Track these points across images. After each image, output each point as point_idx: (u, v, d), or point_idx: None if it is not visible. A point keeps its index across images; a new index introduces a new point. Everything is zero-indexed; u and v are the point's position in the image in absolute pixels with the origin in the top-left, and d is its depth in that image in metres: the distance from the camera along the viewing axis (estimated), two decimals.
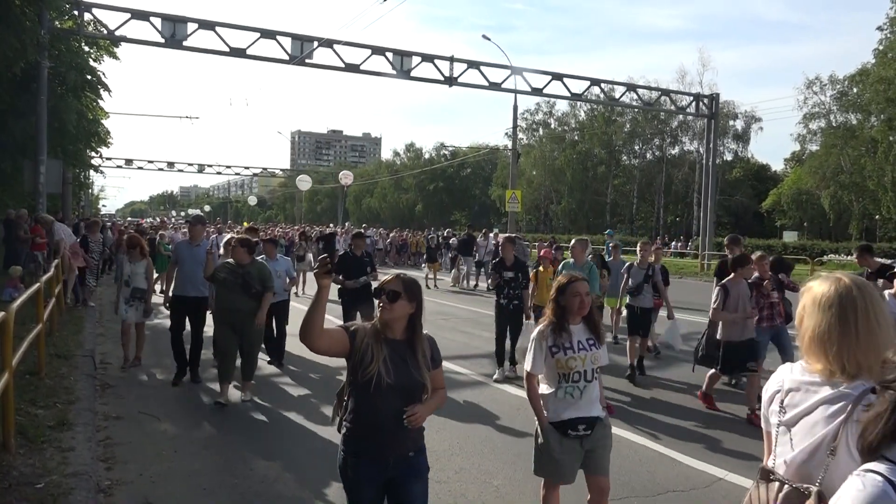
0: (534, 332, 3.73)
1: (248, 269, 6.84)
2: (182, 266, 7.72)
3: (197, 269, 7.50)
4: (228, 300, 6.76)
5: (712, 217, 30.13)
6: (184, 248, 7.96)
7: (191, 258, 7.65)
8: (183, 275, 7.70)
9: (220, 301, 6.86)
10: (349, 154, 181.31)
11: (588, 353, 3.63)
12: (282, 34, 21.18)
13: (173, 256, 8.02)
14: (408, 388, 2.80)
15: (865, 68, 40.51)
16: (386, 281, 2.89)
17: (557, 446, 3.62)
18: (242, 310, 6.79)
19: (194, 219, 8.54)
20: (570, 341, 3.62)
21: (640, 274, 8.79)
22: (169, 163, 62.49)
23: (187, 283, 7.66)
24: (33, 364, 6.98)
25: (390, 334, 2.86)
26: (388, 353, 2.80)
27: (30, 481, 4.34)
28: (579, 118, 60.94)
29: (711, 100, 30.05)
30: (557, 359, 3.60)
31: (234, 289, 6.74)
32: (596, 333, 3.73)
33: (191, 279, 7.61)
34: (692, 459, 5.52)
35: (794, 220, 49.61)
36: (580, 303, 3.65)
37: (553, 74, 25.57)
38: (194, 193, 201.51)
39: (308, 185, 36.26)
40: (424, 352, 2.90)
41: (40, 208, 16.95)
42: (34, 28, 14.60)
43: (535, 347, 3.66)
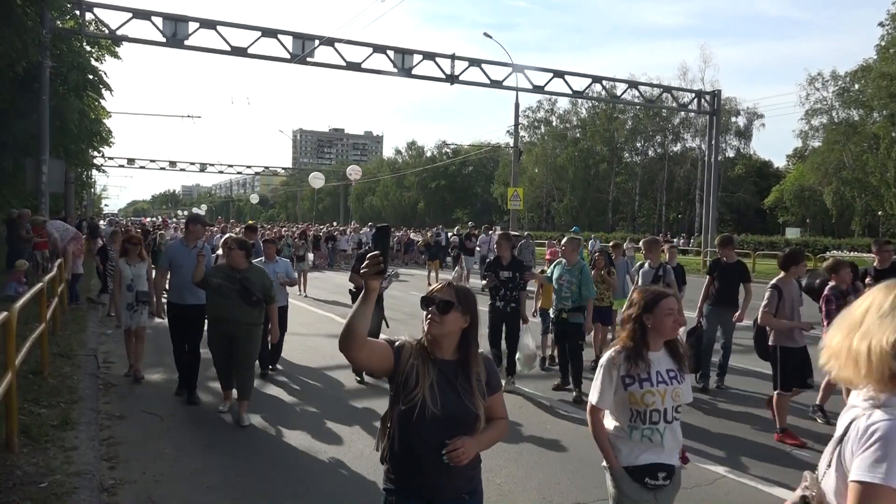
0: (603, 358, 3.06)
1: (247, 275, 6.13)
2: (178, 271, 6.81)
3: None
4: (224, 308, 6.10)
5: (714, 214, 30.08)
6: (179, 250, 7.00)
7: (188, 262, 6.67)
8: (180, 281, 6.79)
9: (214, 309, 6.21)
10: (351, 152, 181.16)
11: (669, 387, 2.95)
12: (283, 33, 21.18)
13: (164, 260, 7.05)
14: (457, 419, 2.39)
15: (867, 64, 40.43)
16: (436, 289, 2.47)
17: (635, 495, 2.95)
18: (239, 320, 6.11)
19: (192, 218, 7.57)
20: (649, 372, 2.94)
21: (649, 275, 8.05)
22: (171, 162, 62.42)
23: (185, 291, 6.76)
24: (36, 363, 7.00)
25: (439, 353, 2.44)
26: (435, 375, 2.39)
27: (33, 480, 4.35)
28: (581, 115, 60.94)
29: (713, 96, 29.99)
30: (631, 392, 2.93)
31: (230, 296, 6.06)
32: (679, 363, 3.05)
33: (189, 286, 6.69)
34: (693, 456, 5.52)
35: (796, 216, 49.56)
36: (673, 324, 2.97)
37: (554, 72, 25.54)
38: (196, 193, 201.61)
39: (321, 182, 35.62)
40: (479, 375, 2.46)
41: (43, 208, 17.00)
42: (36, 28, 14.62)
43: (604, 376, 3.00)
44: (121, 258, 7.91)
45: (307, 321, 12.15)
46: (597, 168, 58.93)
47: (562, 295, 7.45)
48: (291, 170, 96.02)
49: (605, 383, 2.99)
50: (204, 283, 6.21)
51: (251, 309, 6.16)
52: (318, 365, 8.73)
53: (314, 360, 8.90)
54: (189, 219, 7.53)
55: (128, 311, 7.67)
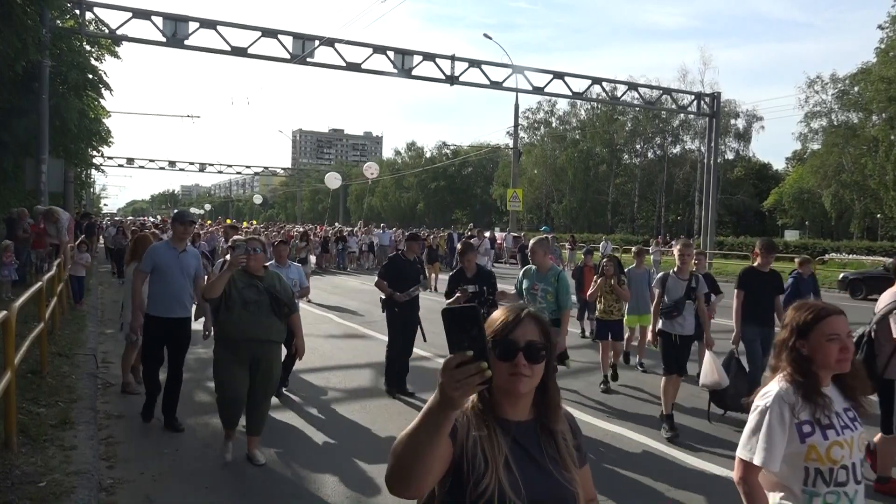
0: (768, 398, 2.26)
1: (272, 283, 5.11)
2: (163, 278, 5.84)
3: (185, 281, 5.95)
4: (252, 327, 4.93)
5: (714, 216, 30.10)
6: (165, 253, 5.94)
7: (176, 268, 5.87)
8: (165, 289, 5.83)
9: (238, 329, 4.91)
10: (350, 153, 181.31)
11: (854, 432, 2.22)
12: (283, 33, 21.18)
13: (147, 262, 5.91)
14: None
15: (867, 67, 40.47)
16: (511, 321, 1.62)
17: None
18: (270, 338, 5.08)
19: (176, 216, 6.26)
20: (830, 415, 2.20)
21: (679, 287, 6.47)
22: (170, 162, 62.43)
23: (171, 301, 5.83)
24: (35, 363, 7.00)
25: (511, 414, 1.65)
26: (508, 450, 1.60)
27: (32, 480, 4.35)
28: (580, 117, 60.96)
29: (713, 98, 30.01)
30: (812, 445, 2.17)
31: (260, 310, 4.97)
32: (854, 398, 2.32)
33: (176, 295, 5.84)
34: (692, 458, 5.53)
35: (795, 219, 49.59)
36: (840, 353, 2.21)
37: (554, 73, 25.56)
38: (195, 192, 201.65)
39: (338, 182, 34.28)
40: (566, 435, 1.72)
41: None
42: (36, 27, 14.60)
43: (773, 422, 2.20)
44: (132, 262, 7.01)
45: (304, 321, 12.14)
46: (596, 169, 58.97)
47: (536, 306, 6.19)
48: (291, 170, 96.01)
49: (776, 433, 2.18)
50: (223, 300, 4.95)
51: (280, 323, 5.13)
52: (316, 366, 8.73)
53: (312, 360, 8.90)
54: (173, 217, 6.29)
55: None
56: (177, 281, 5.87)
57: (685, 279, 6.53)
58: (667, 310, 6.40)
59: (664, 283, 6.53)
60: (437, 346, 10.17)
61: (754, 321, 6.48)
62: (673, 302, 6.39)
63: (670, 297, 6.44)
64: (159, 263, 5.90)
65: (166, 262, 5.90)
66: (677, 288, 6.47)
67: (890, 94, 37.51)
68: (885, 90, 37.76)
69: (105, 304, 13.43)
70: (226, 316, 4.94)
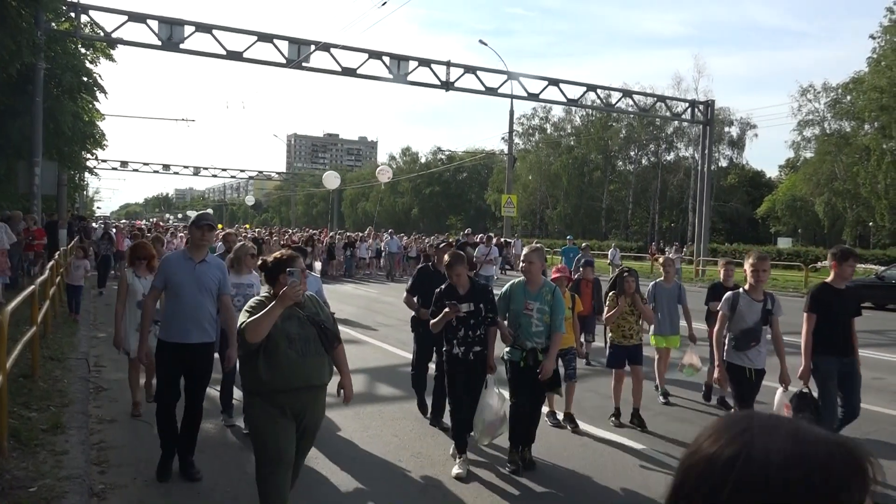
0: None
1: (314, 309, 3.91)
2: (179, 295, 4.86)
3: (204, 299, 4.91)
4: (306, 371, 3.68)
5: (707, 223, 30.22)
6: (180, 265, 4.95)
7: (192, 282, 4.88)
8: (180, 309, 4.84)
9: (286, 377, 3.63)
10: (345, 158, 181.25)
11: None
12: (279, 38, 21.21)
13: (157, 279, 5.03)
14: None
15: (859, 76, 40.80)
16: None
17: None
18: (322, 382, 3.85)
19: (200, 218, 5.13)
20: None
21: (753, 310, 5.27)
22: (164, 165, 62.43)
23: (187, 323, 4.82)
24: (27, 367, 6.96)
25: None
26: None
27: (23, 485, 4.32)
28: (575, 123, 61.17)
29: (707, 106, 30.19)
30: None
31: (310, 349, 3.72)
32: None
33: (193, 316, 4.83)
34: None
35: (788, 226, 49.87)
36: None
37: (549, 80, 25.67)
38: (189, 196, 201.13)
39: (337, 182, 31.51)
40: None
41: (35, 210, 16.92)
42: (30, 29, 14.58)
43: None
44: (128, 268, 6.54)
45: None
46: (590, 176, 59.16)
47: (531, 329, 5.32)
48: (285, 174, 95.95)
49: None
50: (263, 341, 3.62)
51: (330, 361, 3.90)
52: None
53: None
54: (196, 221, 5.09)
55: (137, 334, 5.97)
56: (194, 298, 4.86)
57: (760, 300, 5.29)
58: (740, 338, 5.23)
59: (734, 304, 5.32)
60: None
61: (830, 351, 5.26)
62: (746, 328, 5.23)
63: (742, 322, 5.24)
64: (173, 278, 4.90)
65: (181, 275, 4.89)
66: (751, 311, 5.24)
67: (882, 103, 37.83)
68: (876, 99, 38.09)
69: (98, 307, 13.35)
70: (267, 360, 3.61)
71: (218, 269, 5.09)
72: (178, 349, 4.83)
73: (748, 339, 5.21)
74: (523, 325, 5.36)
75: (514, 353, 5.40)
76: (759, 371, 5.33)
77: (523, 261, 5.51)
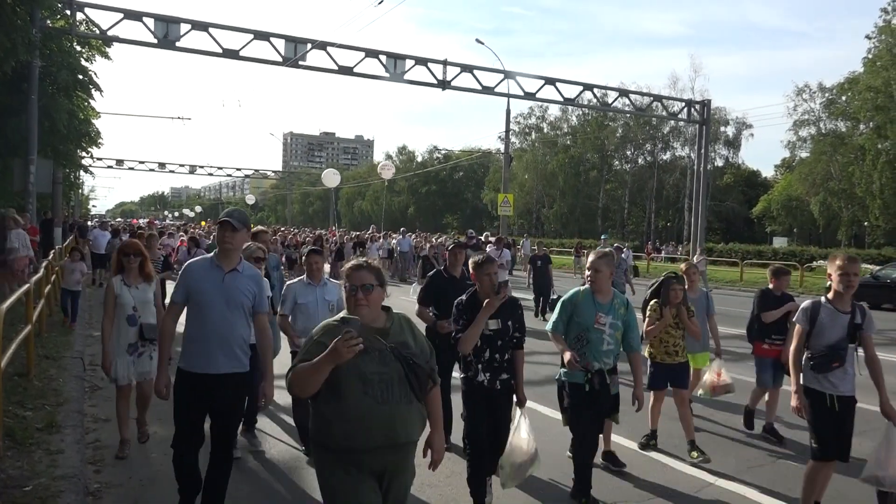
0: None
1: (402, 337, 2.91)
2: (204, 313, 3.91)
3: (235, 317, 3.96)
4: (389, 423, 2.77)
5: (703, 223, 30.25)
6: (204, 274, 3.99)
7: (222, 297, 3.92)
8: (206, 330, 3.91)
9: (360, 431, 2.73)
10: (341, 156, 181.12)
11: None
12: (275, 36, 21.15)
13: (178, 293, 4.00)
14: None
15: (854, 76, 40.94)
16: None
17: None
18: (411, 440, 2.88)
19: (232, 216, 4.05)
20: None
21: (838, 323, 4.32)
22: (160, 163, 62.09)
23: (214, 347, 3.90)
24: (22, 365, 6.94)
25: None
26: None
27: (18, 484, 4.31)
28: (572, 123, 61.29)
29: (703, 106, 30.22)
30: None
31: (394, 392, 2.79)
32: None
33: (221, 339, 3.91)
34: (681, 464, 5.55)
35: (783, 226, 50.04)
36: None
37: (546, 79, 25.66)
38: (185, 194, 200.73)
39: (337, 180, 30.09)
40: None
41: (30, 208, 16.86)
42: (25, 27, 14.50)
43: None
44: (115, 275, 5.37)
45: None
46: (587, 175, 59.26)
47: (601, 347, 4.60)
48: (281, 173, 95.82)
49: None
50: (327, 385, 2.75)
51: (422, 408, 2.91)
52: None
53: None
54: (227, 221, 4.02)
55: (129, 357, 5.23)
56: (222, 317, 3.90)
57: (846, 311, 4.32)
58: (820, 358, 4.27)
59: (813, 316, 4.34)
60: None
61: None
62: (828, 346, 4.26)
63: (824, 338, 4.28)
64: (197, 291, 3.94)
65: (206, 288, 3.92)
66: (834, 325, 4.29)
67: (877, 103, 37.98)
68: (871, 99, 38.24)
69: (93, 306, 13.31)
70: (335, 407, 2.74)
71: (252, 281, 4.05)
72: (201, 381, 3.88)
73: (830, 359, 4.24)
74: (592, 343, 4.60)
75: (575, 374, 4.62)
76: (847, 399, 4.26)
77: (590, 268, 4.74)
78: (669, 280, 6.05)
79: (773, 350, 6.33)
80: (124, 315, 5.20)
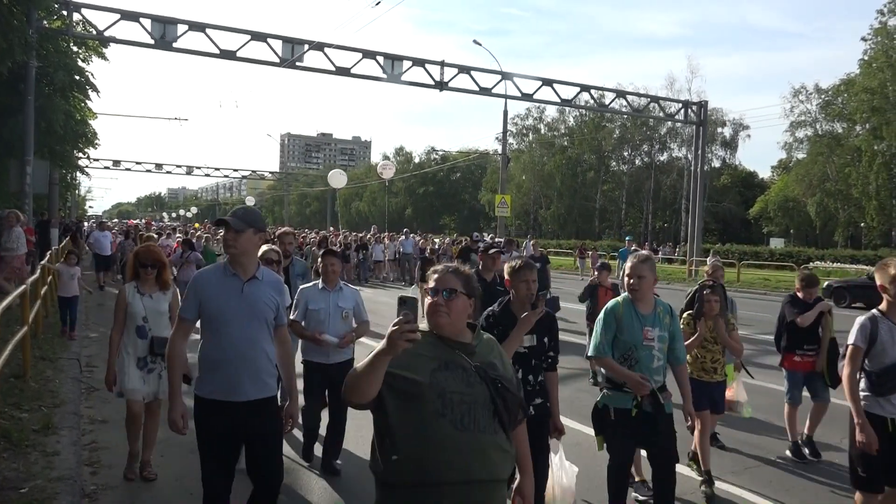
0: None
1: (488, 356, 2.41)
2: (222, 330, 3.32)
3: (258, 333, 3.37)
4: (464, 456, 2.21)
5: (700, 224, 30.34)
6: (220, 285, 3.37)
7: (242, 310, 3.33)
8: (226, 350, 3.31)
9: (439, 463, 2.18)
10: (339, 157, 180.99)
11: None
12: (273, 37, 21.15)
13: (187, 307, 3.37)
14: None
15: (851, 78, 41.08)
16: None
17: None
18: (495, 477, 2.31)
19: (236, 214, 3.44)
20: None
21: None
22: (157, 164, 62.06)
23: (237, 371, 3.29)
24: (18, 367, 6.92)
25: None
26: None
27: (14, 485, 4.30)
28: (569, 124, 61.37)
29: (700, 107, 30.30)
30: None
31: (478, 420, 2.26)
32: None
33: (244, 360, 3.30)
34: (678, 465, 5.54)
35: (780, 227, 50.14)
36: None
37: (543, 80, 25.70)
38: (182, 195, 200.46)
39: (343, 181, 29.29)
40: None
41: (27, 209, 16.82)
42: (22, 27, 14.49)
43: None
44: (129, 282, 4.84)
45: None
46: (584, 176, 59.35)
47: (652, 365, 3.94)
48: (279, 174, 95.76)
49: None
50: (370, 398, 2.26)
51: (507, 442, 2.37)
52: None
53: None
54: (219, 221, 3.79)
55: (138, 372, 4.68)
56: (244, 334, 3.31)
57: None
58: (880, 379, 3.80)
59: (873, 334, 3.82)
60: None
61: None
62: (887, 366, 3.79)
63: (884, 356, 3.80)
64: (211, 305, 3.32)
65: (223, 300, 3.32)
66: (895, 341, 3.79)
67: (873, 104, 38.12)
68: (868, 101, 38.38)
69: (89, 307, 13.28)
70: (401, 429, 2.22)
71: (275, 290, 3.47)
72: (225, 410, 3.27)
73: (890, 380, 3.77)
74: (642, 361, 3.92)
75: (620, 398, 3.94)
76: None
77: (631, 275, 4.02)
78: (704, 290, 5.34)
79: (806, 362, 5.76)
80: (133, 326, 4.68)
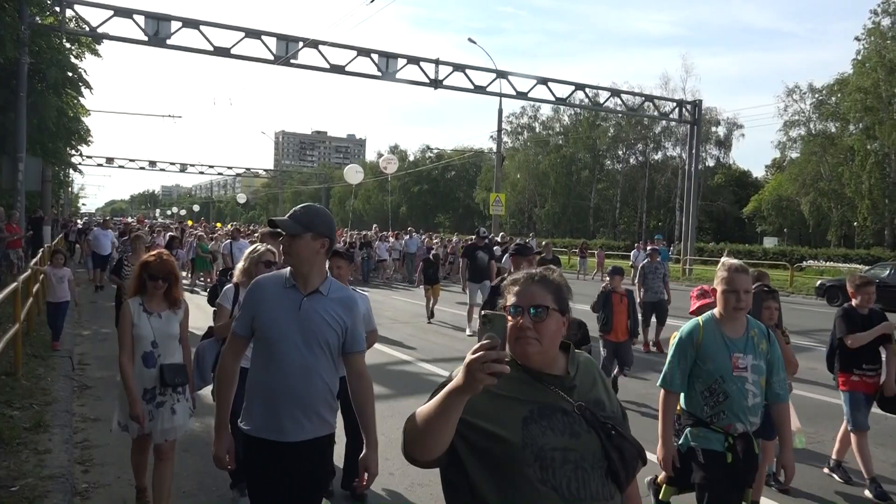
0: None
1: (592, 392, 1.84)
2: (273, 353, 2.70)
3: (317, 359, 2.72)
4: None
5: (694, 222, 30.41)
6: (277, 296, 2.74)
7: (297, 331, 2.70)
8: (275, 377, 2.70)
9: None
10: (333, 155, 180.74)
11: None
12: (267, 34, 21.08)
13: (241, 323, 2.79)
14: None
15: (844, 77, 41.23)
16: None
17: None
18: None
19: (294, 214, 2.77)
20: None
21: None
22: (151, 162, 61.76)
23: (286, 405, 2.69)
24: (9, 364, 6.88)
25: None
26: None
27: (4, 484, 4.27)
28: (563, 122, 61.45)
29: (694, 106, 30.36)
30: None
31: (588, 482, 1.66)
32: None
33: (294, 395, 2.69)
34: None
35: (774, 226, 50.28)
36: None
37: (538, 79, 25.70)
38: (176, 193, 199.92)
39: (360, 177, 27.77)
40: None
41: (19, 206, 16.73)
42: (14, 23, 14.42)
43: None
44: (133, 297, 4.07)
45: None
46: (578, 175, 59.44)
47: (745, 402, 3.20)
48: (273, 171, 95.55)
49: None
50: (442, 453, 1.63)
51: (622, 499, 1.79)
52: None
53: None
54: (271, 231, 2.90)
55: (145, 406, 3.95)
56: (300, 358, 2.69)
57: None
58: None
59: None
60: (422, 351, 10.16)
61: None
62: None
63: None
64: (263, 320, 2.72)
65: (278, 317, 2.71)
66: None
67: (866, 104, 38.26)
68: (861, 100, 38.51)
69: (82, 304, 13.21)
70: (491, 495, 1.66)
71: (342, 307, 2.77)
72: (269, 449, 2.70)
73: None
74: (733, 397, 3.18)
75: (710, 439, 3.23)
76: None
77: (731, 289, 3.18)
78: (761, 295, 4.36)
79: (867, 383, 5.07)
80: (140, 352, 3.96)
